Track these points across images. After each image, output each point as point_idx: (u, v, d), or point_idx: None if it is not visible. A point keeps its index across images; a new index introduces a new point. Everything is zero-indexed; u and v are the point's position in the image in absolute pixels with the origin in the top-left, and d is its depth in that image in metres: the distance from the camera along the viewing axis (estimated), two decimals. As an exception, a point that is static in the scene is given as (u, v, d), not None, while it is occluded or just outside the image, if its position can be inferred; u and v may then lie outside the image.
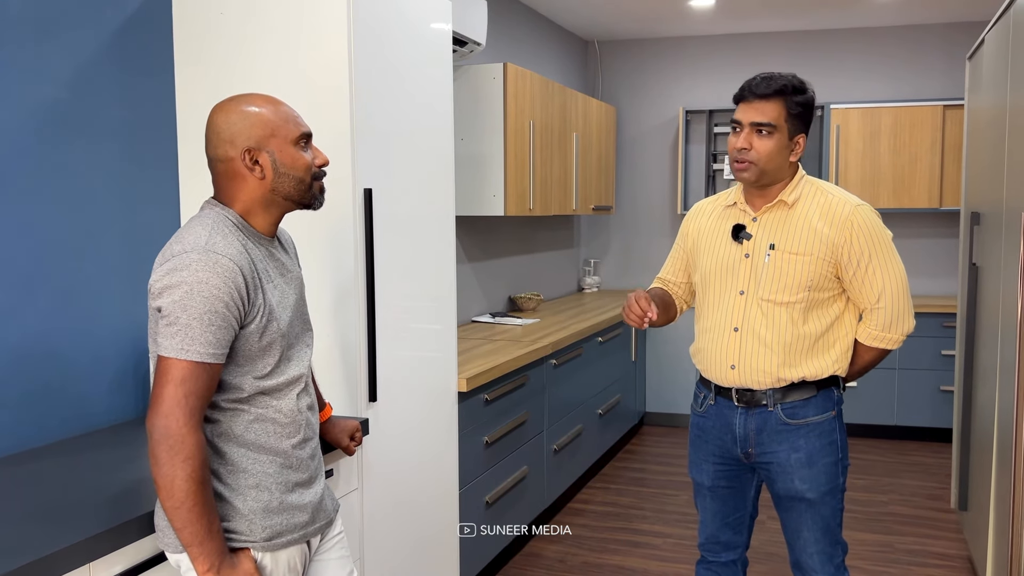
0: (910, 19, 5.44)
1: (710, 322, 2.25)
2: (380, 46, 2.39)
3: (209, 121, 1.60)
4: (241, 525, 1.56)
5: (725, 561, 2.38)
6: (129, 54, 2.34)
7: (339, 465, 2.23)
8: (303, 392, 1.67)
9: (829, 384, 2.21)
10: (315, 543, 1.73)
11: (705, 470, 2.33)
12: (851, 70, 5.72)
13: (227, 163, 1.58)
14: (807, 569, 2.24)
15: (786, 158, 2.13)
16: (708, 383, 2.29)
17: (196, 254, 1.47)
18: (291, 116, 1.62)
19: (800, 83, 2.12)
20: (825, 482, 2.18)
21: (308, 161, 1.63)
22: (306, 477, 1.67)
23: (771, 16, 5.37)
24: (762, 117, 2.08)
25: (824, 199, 2.16)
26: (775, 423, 2.18)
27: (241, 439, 1.57)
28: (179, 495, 1.43)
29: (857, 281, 2.14)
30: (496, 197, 4.02)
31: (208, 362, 1.46)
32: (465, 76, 4.02)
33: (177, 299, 1.45)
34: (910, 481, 4.65)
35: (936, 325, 5.20)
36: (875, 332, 2.18)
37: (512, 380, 3.41)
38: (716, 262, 2.24)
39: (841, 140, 5.41)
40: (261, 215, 1.62)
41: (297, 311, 1.68)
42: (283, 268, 1.67)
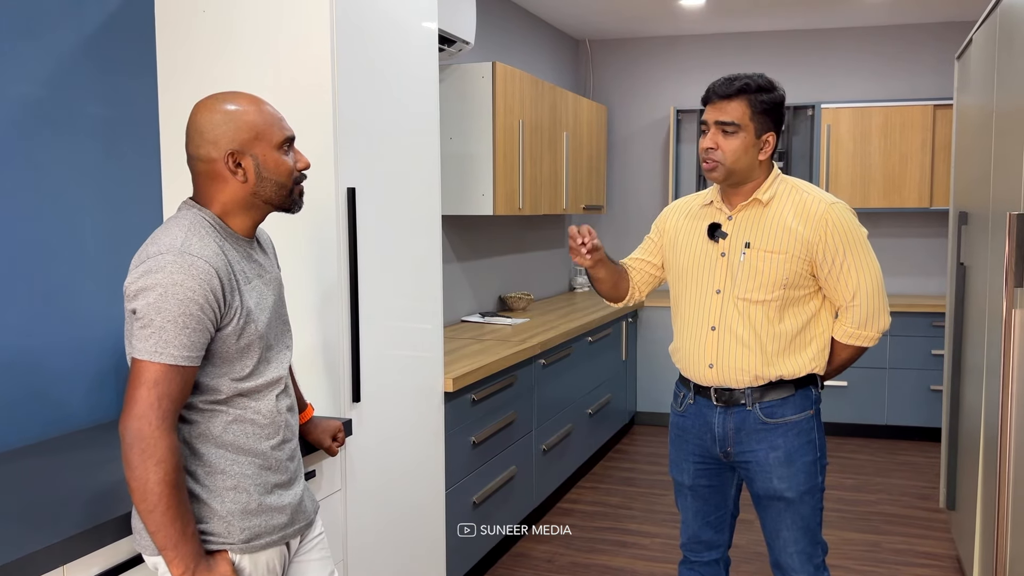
0: (900, 19, 5.45)
1: (687, 321, 2.25)
2: (364, 44, 2.37)
3: (191, 119, 1.58)
4: (219, 527, 1.55)
5: (707, 561, 2.38)
6: (110, 52, 2.32)
7: (322, 466, 2.22)
8: (282, 393, 1.66)
9: (807, 383, 2.21)
10: (295, 545, 1.72)
11: (685, 469, 2.33)
12: (842, 69, 5.72)
13: (208, 164, 1.56)
14: (787, 569, 2.24)
15: (754, 157, 2.13)
16: (687, 382, 2.30)
17: (171, 256, 1.46)
18: (276, 119, 1.61)
19: (766, 82, 2.12)
20: (804, 481, 2.18)
21: (291, 166, 1.62)
22: (285, 479, 1.65)
23: (761, 15, 5.37)
24: (725, 116, 2.10)
25: (799, 197, 2.16)
26: (754, 422, 2.19)
27: (219, 440, 1.55)
28: (152, 498, 1.42)
29: (832, 279, 2.14)
30: (485, 196, 4.01)
31: (182, 365, 1.45)
32: (454, 75, 4.01)
33: (151, 301, 1.43)
34: (899, 481, 4.65)
35: (926, 325, 5.21)
36: (851, 330, 2.18)
37: (500, 380, 3.41)
38: (692, 261, 2.24)
39: (832, 139, 5.41)
40: (240, 217, 1.61)
41: (275, 312, 1.67)
42: (261, 269, 1.66)
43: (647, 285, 2.45)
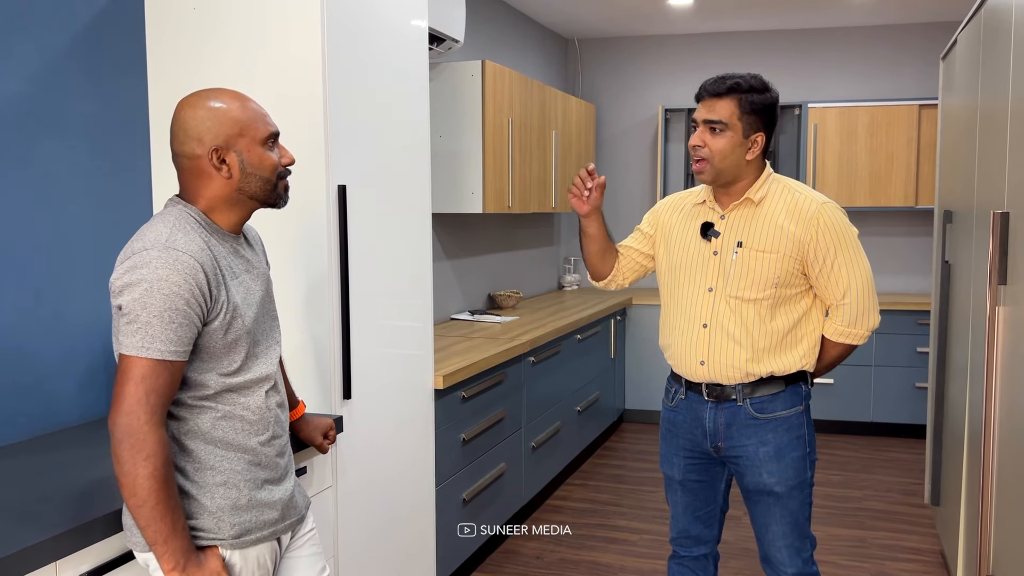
0: (887, 19, 5.49)
1: (679, 318, 2.27)
2: (354, 42, 2.38)
3: (175, 116, 1.58)
4: (209, 523, 1.55)
5: (696, 556, 2.40)
6: (100, 49, 2.32)
7: (313, 463, 2.22)
8: (272, 390, 1.67)
9: (797, 379, 2.23)
10: (286, 540, 1.73)
11: (676, 464, 2.35)
12: (828, 69, 5.76)
13: (193, 160, 1.57)
14: (776, 563, 2.26)
15: (742, 156, 2.14)
16: (679, 378, 2.31)
17: (156, 251, 1.46)
18: (260, 114, 1.61)
19: (759, 83, 2.14)
20: (793, 476, 2.20)
21: (275, 161, 1.62)
22: (275, 475, 1.66)
23: (749, 15, 5.40)
24: (713, 115, 2.12)
25: (791, 197, 2.18)
26: (744, 417, 2.21)
27: (208, 436, 1.56)
28: (142, 493, 1.42)
29: (823, 278, 2.16)
30: (475, 194, 4.02)
31: (169, 359, 1.45)
32: (444, 73, 4.01)
33: (137, 297, 1.44)
34: (885, 477, 4.69)
35: (911, 323, 5.26)
36: (841, 328, 2.20)
37: (489, 377, 3.42)
38: (685, 259, 2.26)
39: (818, 139, 5.45)
40: (225, 213, 1.61)
41: (263, 308, 1.67)
42: (248, 265, 1.66)
43: (633, 272, 2.46)
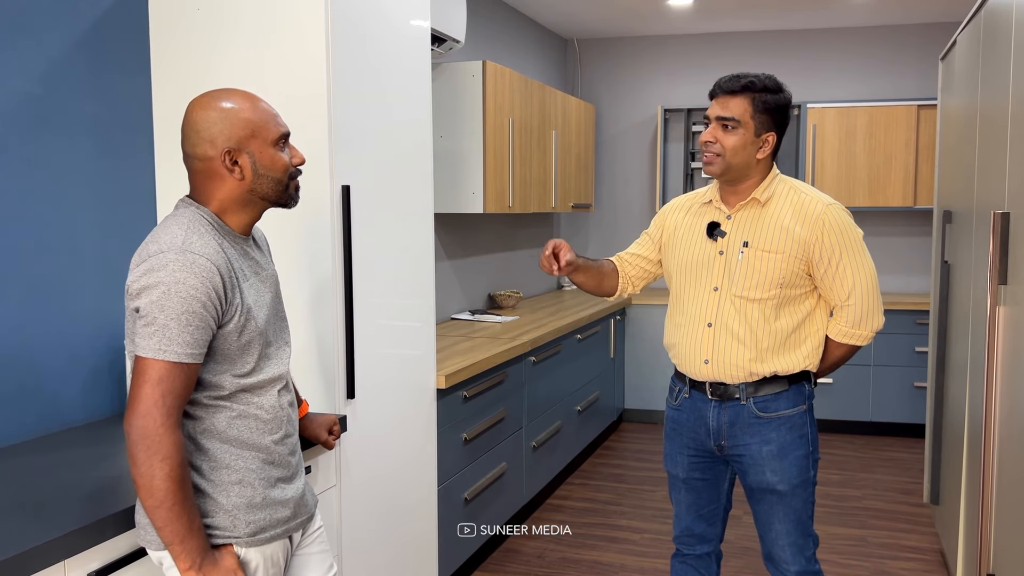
0: (886, 19, 5.50)
1: (684, 317, 2.28)
2: (359, 42, 2.39)
3: (187, 117, 1.58)
4: (224, 521, 1.56)
5: (700, 554, 2.41)
6: (104, 50, 2.33)
7: (317, 462, 2.23)
8: (284, 389, 1.68)
9: (800, 379, 2.24)
10: (296, 538, 1.74)
11: (680, 462, 2.36)
12: (827, 70, 5.78)
13: (205, 162, 1.57)
14: (779, 561, 2.27)
15: (752, 155, 2.16)
16: (683, 377, 2.33)
17: (173, 254, 1.47)
18: (271, 115, 1.62)
19: (773, 83, 2.16)
20: (796, 475, 2.21)
21: (286, 162, 1.63)
22: (288, 473, 1.67)
23: (749, 16, 5.41)
24: (726, 112, 2.14)
25: (797, 198, 2.19)
26: (747, 416, 2.22)
27: (223, 435, 1.57)
28: (158, 494, 1.43)
29: (828, 279, 2.17)
30: (475, 195, 4.03)
31: (186, 362, 1.46)
32: (444, 74, 4.02)
33: (154, 299, 1.44)
34: (884, 476, 4.71)
35: (910, 322, 5.27)
36: (845, 328, 2.21)
37: (491, 377, 3.43)
38: (691, 258, 2.27)
39: (817, 139, 5.46)
40: (237, 214, 1.62)
41: (273, 310, 1.68)
42: (258, 267, 1.67)
43: (641, 280, 2.49)
